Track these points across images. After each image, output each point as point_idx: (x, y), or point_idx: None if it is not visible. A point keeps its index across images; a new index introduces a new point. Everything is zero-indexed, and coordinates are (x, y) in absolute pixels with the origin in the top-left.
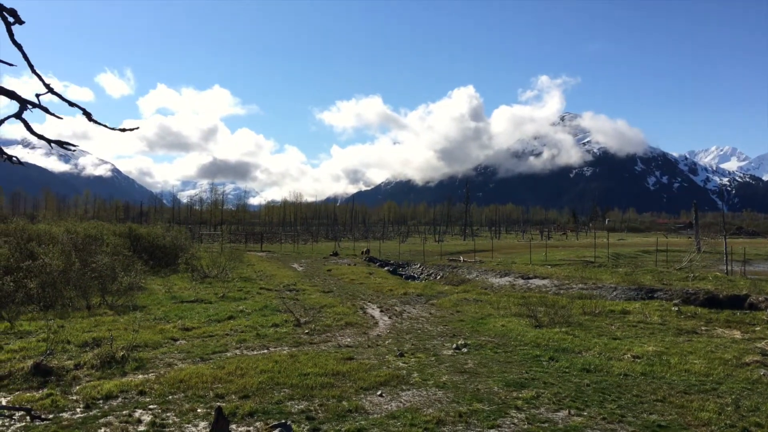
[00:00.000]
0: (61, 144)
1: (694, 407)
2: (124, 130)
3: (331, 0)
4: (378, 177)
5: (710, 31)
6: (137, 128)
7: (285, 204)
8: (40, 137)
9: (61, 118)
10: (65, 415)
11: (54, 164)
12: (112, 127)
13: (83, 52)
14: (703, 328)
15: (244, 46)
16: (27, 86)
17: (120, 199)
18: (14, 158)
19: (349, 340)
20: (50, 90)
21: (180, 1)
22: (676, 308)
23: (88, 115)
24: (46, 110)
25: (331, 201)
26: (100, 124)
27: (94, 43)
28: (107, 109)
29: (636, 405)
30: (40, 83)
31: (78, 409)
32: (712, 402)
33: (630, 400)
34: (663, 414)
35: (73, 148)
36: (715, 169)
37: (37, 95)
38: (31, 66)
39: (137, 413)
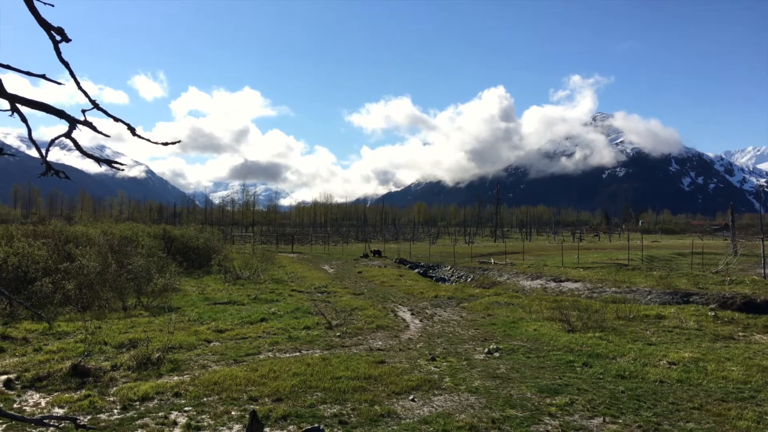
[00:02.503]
0: (109, 163)
1: (732, 416)
2: (166, 143)
3: (360, 1)
4: (408, 178)
5: (746, 29)
6: (179, 141)
7: (315, 205)
8: (90, 156)
9: (109, 136)
10: (102, 416)
11: (89, 166)
12: (155, 141)
13: (117, 54)
14: (740, 333)
15: (273, 47)
16: (54, 89)
17: (154, 200)
18: (62, 174)
19: (380, 343)
20: (96, 106)
21: (209, 4)
22: (713, 313)
23: (132, 130)
24: (94, 129)
25: (361, 202)
26: (142, 138)
27: (127, 46)
28: (141, 111)
29: (672, 413)
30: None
31: (115, 411)
32: (750, 410)
33: (666, 407)
34: (700, 422)
35: (120, 167)
36: (752, 169)
37: (84, 111)
38: (77, 83)
39: (173, 415)
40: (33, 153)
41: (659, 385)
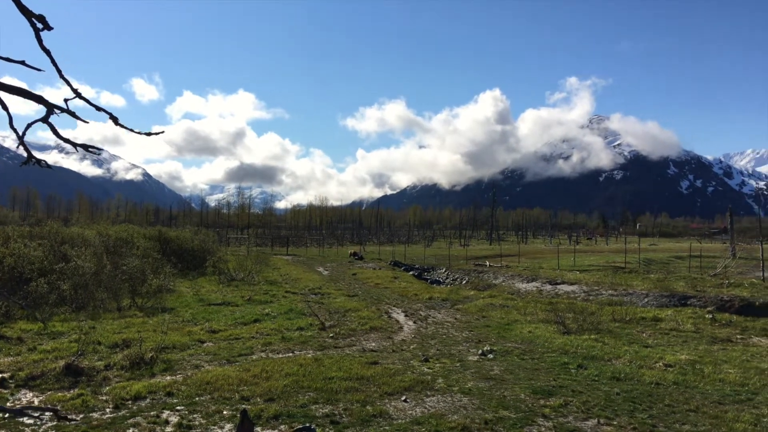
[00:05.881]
0: (86, 147)
1: (728, 418)
2: (149, 134)
3: (353, 4)
4: (403, 181)
5: (745, 31)
6: (163, 132)
7: (311, 208)
8: (67, 141)
9: (87, 122)
10: (95, 415)
11: (87, 168)
12: (138, 131)
13: (113, 58)
14: (738, 336)
15: (266, 49)
16: (61, 93)
17: (150, 202)
18: (43, 162)
19: (373, 344)
20: (78, 95)
21: (201, 7)
22: (710, 316)
23: (115, 119)
24: (73, 114)
25: (356, 205)
26: (126, 128)
27: (123, 50)
28: (138, 114)
29: (668, 415)
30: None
31: (107, 410)
32: (747, 413)
33: (662, 410)
34: (696, 425)
35: (98, 151)
36: (751, 172)
37: (66, 100)
38: (59, 71)
39: (165, 414)
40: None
41: (655, 387)
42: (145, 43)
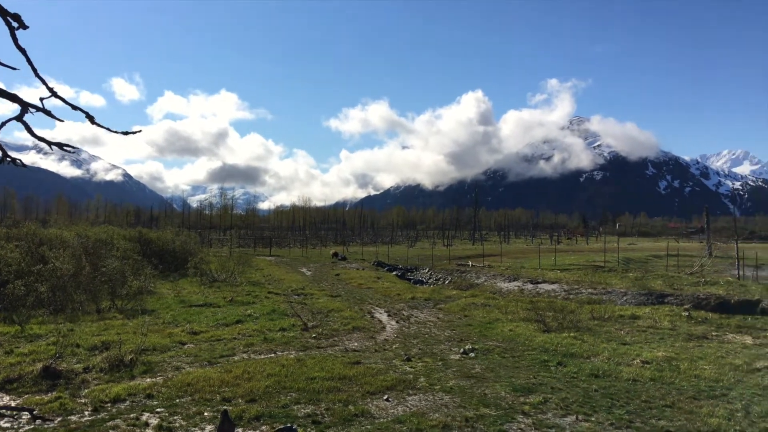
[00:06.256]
0: (61, 146)
1: (703, 413)
2: (126, 133)
3: (335, 4)
4: (387, 181)
5: (722, 33)
6: (140, 131)
7: (294, 208)
8: (42, 139)
9: (63, 121)
10: (73, 418)
11: (66, 169)
12: (115, 130)
13: (92, 57)
14: (713, 333)
15: (249, 50)
16: (38, 92)
17: (131, 203)
18: (18, 161)
19: (356, 344)
20: (54, 94)
21: (182, 6)
22: (687, 313)
23: (91, 119)
24: (48, 113)
25: (340, 205)
26: (102, 127)
27: (103, 49)
28: (118, 114)
29: (644, 410)
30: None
31: (86, 412)
32: (721, 408)
33: (638, 405)
34: (672, 420)
35: (73, 150)
36: (727, 173)
37: (42, 99)
38: (34, 70)
39: (144, 416)
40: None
41: (632, 384)
42: (126, 42)
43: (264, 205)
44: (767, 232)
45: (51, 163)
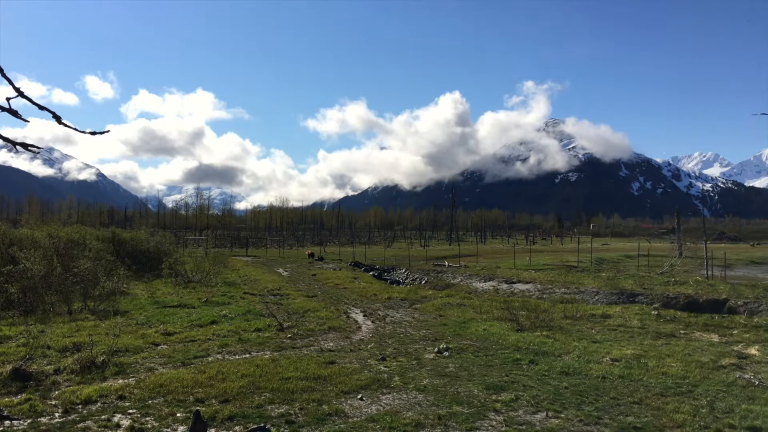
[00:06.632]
0: (26, 146)
1: (669, 409)
2: (94, 133)
3: (313, 4)
4: (365, 182)
5: (694, 38)
6: (108, 131)
7: (271, 209)
8: (5, 139)
9: (28, 122)
10: (43, 419)
11: (38, 168)
12: (83, 130)
13: (65, 55)
14: (681, 331)
15: (225, 48)
16: (4, 92)
17: (104, 203)
18: None
19: (331, 344)
20: (21, 94)
21: (156, 3)
22: (656, 312)
23: (58, 119)
24: (14, 113)
25: (318, 206)
26: (70, 126)
27: (76, 46)
28: (91, 113)
29: (613, 407)
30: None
31: (56, 414)
32: (687, 404)
33: (607, 402)
34: (639, 416)
35: (36, 150)
36: (698, 174)
37: (8, 99)
38: (1, 70)
39: (116, 418)
40: None
41: (601, 381)
42: (100, 39)
43: (241, 206)
44: (736, 233)
45: (23, 162)
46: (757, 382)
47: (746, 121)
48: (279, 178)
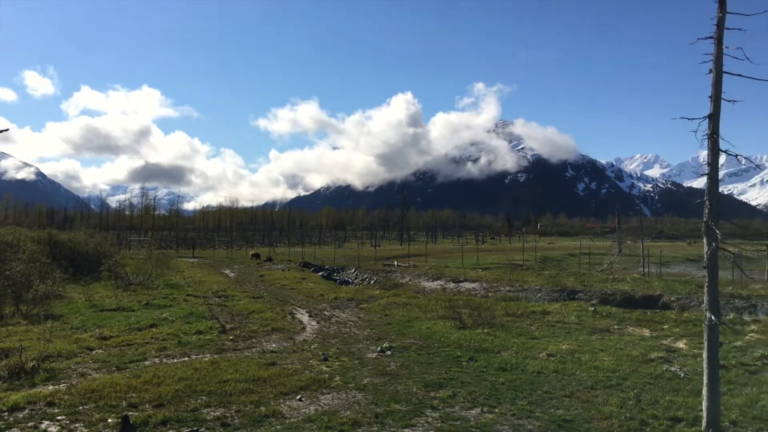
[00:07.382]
0: None
1: (598, 402)
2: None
3: (263, 1)
4: (317, 182)
5: (635, 44)
6: (7, 130)
7: (220, 209)
8: None
9: None
10: None
11: None
12: None
13: (3, 48)
14: (615, 326)
15: (172, 44)
16: None
17: (44, 204)
18: None
19: (274, 345)
20: None
21: None
22: (593, 308)
23: None
24: None
25: (269, 206)
26: None
27: (14, 39)
28: (30, 109)
29: (545, 401)
30: None
31: None
32: (615, 396)
33: (540, 396)
34: (569, 409)
35: None
36: (639, 175)
37: None
38: None
39: (44, 424)
40: None
41: (537, 376)
42: (39, 32)
43: (190, 206)
44: (675, 232)
45: None
46: (682, 375)
47: (684, 123)
48: (229, 178)
